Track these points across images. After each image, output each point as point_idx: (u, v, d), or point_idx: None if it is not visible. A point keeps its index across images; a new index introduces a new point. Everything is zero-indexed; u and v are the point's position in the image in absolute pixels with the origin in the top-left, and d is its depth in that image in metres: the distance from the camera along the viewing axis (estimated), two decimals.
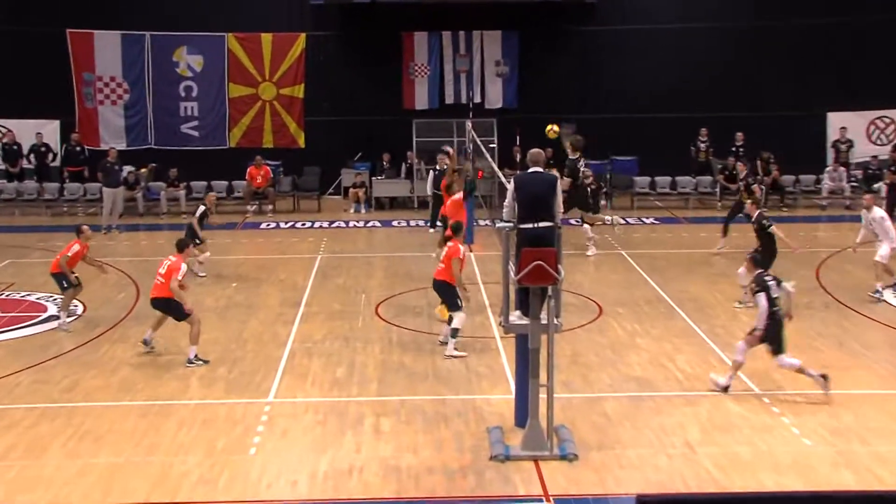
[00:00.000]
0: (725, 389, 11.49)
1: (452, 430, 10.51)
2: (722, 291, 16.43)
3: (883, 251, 15.41)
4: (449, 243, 13.45)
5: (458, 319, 13.06)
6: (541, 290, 9.69)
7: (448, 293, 13.12)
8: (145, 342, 13.22)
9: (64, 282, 14.53)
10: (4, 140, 26.10)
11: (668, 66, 26.97)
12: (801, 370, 11.33)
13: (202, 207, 18.18)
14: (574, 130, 23.09)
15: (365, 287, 17.04)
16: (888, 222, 15.69)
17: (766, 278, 11.61)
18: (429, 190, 23.44)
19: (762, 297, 11.37)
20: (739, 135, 26.02)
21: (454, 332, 13.01)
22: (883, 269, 15.49)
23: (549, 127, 19.11)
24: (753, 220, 15.57)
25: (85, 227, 15.14)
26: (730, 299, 15.82)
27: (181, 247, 13.40)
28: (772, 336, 11.34)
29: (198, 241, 17.17)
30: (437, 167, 22.72)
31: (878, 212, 15.89)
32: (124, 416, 10.94)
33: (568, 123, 23.76)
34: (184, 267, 13.05)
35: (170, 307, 12.91)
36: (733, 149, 25.89)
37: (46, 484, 9.24)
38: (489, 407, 11.18)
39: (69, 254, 14.54)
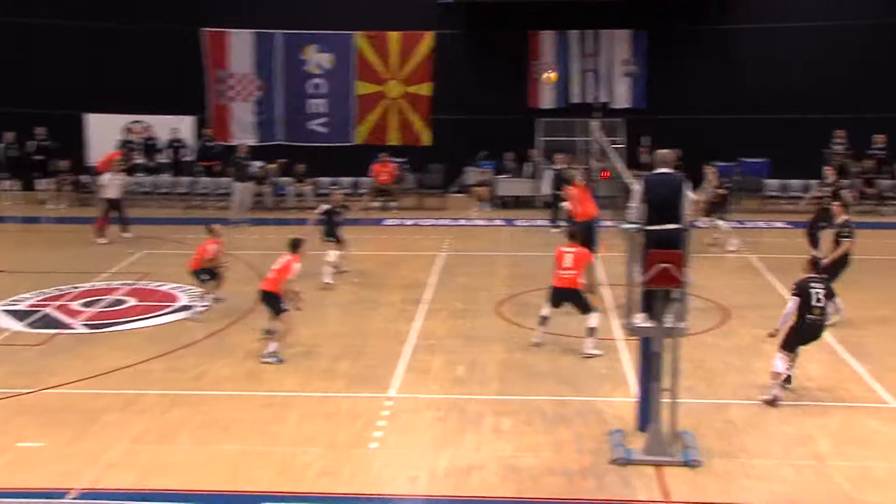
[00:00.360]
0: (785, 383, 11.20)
1: (573, 431, 10.45)
2: (854, 299, 15.81)
3: None
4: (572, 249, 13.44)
5: (594, 319, 13.11)
6: (666, 293, 9.54)
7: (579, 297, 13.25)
8: (268, 332, 13.55)
9: (202, 275, 15.18)
10: (144, 135, 27.21)
11: (802, 65, 26.13)
12: (777, 376, 11.12)
13: (324, 206, 18.36)
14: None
15: (488, 286, 17.08)
16: None
17: (813, 285, 11.19)
18: (548, 189, 23.31)
19: (793, 302, 11.20)
20: (880, 137, 25.03)
21: (592, 332, 13.04)
22: None
23: (545, 75, 18.58)
24: (838, 223, 14.91)
25: (215, 226, 15.64)
26: (861, 307, 15.25)
27: (295, 246, 13.61)
28: (791, 338, 11.16)
29: (330, 239, 17.42)
30: (556, 166, 22.60)
31: None
32: (250, 406, 11.25)
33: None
34: (297, 267, 13.27)
35: (270, 301, 13.18)
36: (872, 151, 24.92)
37: (176, 469, 9.58)
38: (610, 409, 11.08)
39: (208, 256, 15.12)
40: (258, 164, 25.39)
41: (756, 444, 10.05)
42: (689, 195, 9.82)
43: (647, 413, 9.90)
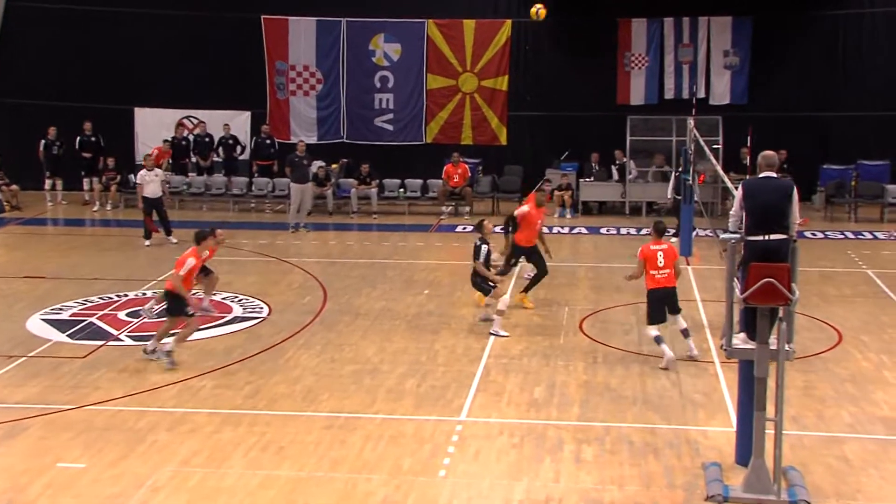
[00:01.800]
0: None
1: (663, 463, 10.34)
2: None
3: None
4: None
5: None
6: (770, 311, 9.39)
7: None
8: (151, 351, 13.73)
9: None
10: (196, 132, 27.65)
11: None
12: None
13: (485, 247, 15.26)
14: None
15: (569, 300, 17.00)
16: None
17: None
18: (670, 194, 22.86)
19: None
20: None
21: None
22: None
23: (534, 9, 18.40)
24: None
25: (219, 231, 15.67)
26: None
27: (197, 239, 14.08)
28: None
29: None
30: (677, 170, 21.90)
31: None
32: (308, 428, 11.35)
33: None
34: (192, 262, 13.61)
35: (168, 300, 13.64)
36: None
37: (228, 494, 9.69)
38: (705, 440, 10.93)
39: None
40: (319, 163, 25.62)
41: (877, 485, 9.82)
42: (797, 202, 9.63)
43: (747, 445, 9.74)
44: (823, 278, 18.31)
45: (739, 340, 9.75)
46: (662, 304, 13.49)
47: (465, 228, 24.00)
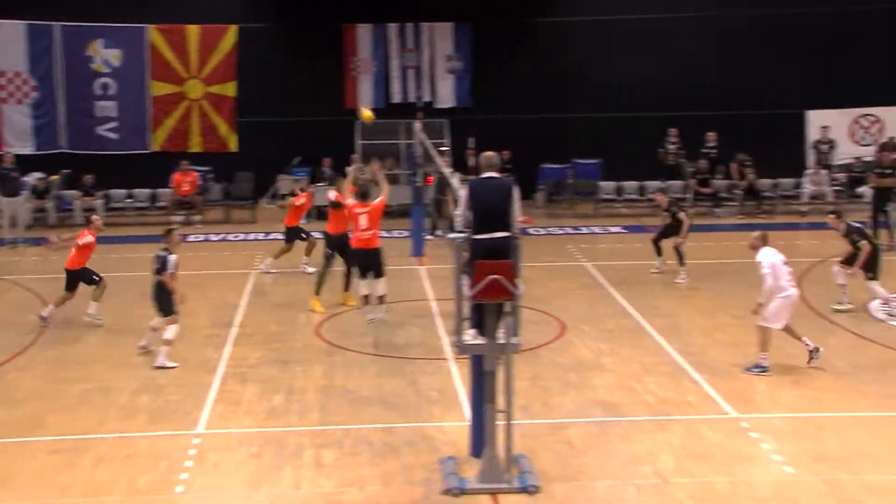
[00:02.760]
0: None
1: (401, 461, 10.48)
2: (695, 306, 16.62)
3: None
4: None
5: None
6: (497, 307, 9.71)
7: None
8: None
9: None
10: None
11: (633, 61, 27.28)
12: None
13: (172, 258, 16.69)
14: None
15: (305, 305, 16.93)
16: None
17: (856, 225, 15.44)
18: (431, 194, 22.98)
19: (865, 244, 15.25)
20: (711, 135, 26.41)
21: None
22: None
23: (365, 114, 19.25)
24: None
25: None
26: (703, 314, 16.01)
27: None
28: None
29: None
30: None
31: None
32: (33, 454, 10.75)
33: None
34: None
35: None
36: (705, 150, 26.24)
37: None
38: (442, 435, 11.17)
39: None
40: (37, 175, 24.37)
41: (596, 464, 10.35)
42: (518, 200, 10.00)
43: (480, 437, 10.03)
44: (547, 273, 19.11)
45: (469, 336, 10.00)
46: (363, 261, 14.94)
47: (197, 238, 23.50)
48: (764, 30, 27.22)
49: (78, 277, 15.77)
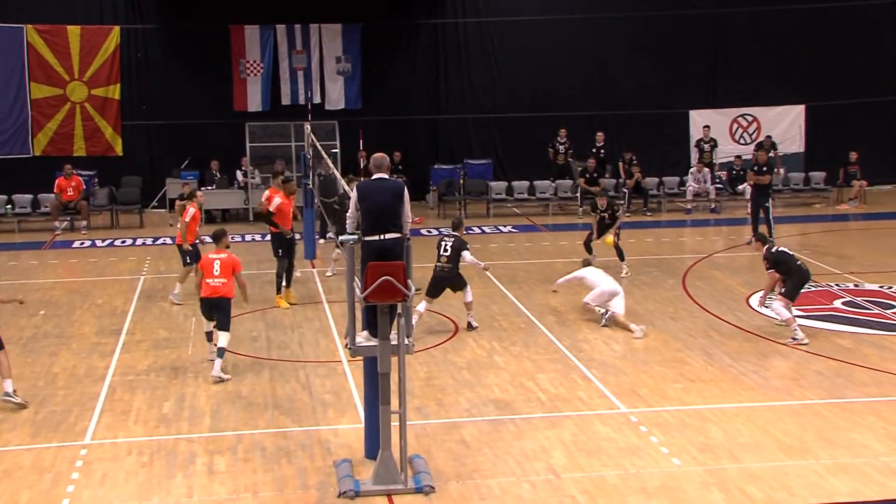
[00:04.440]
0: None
1: (296, 466, 10.41)
2: (574, 302, 16.86)
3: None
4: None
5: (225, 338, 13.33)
6: (389, 308, 9.72)
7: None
8: None
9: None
10: None
11: (523, 62, 27.60)
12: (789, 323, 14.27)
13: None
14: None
15: (196, 310, 16.67)
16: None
17: (774, 249, 14.69)
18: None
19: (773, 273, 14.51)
20: (600, 135, 26.84)
21: (222, 352, 13.21)
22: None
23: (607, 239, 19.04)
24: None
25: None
26: (592, 310, 16.26)
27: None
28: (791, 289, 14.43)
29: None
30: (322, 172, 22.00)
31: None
32: None
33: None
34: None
35: None
36: (594, 150, 26.66)
37: None
38: (336, 438, 11.14)
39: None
40: None
41: (490, 462, 10.43)
42: (408, 201, 10.04)
43: (375, 439, 10.03)
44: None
45: (363, 338, 10.01)
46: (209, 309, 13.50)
47: (83, 244, 22.97)
48: (650, 30, 27.80)
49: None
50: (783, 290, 14.56)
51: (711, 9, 27.73)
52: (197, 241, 17.13)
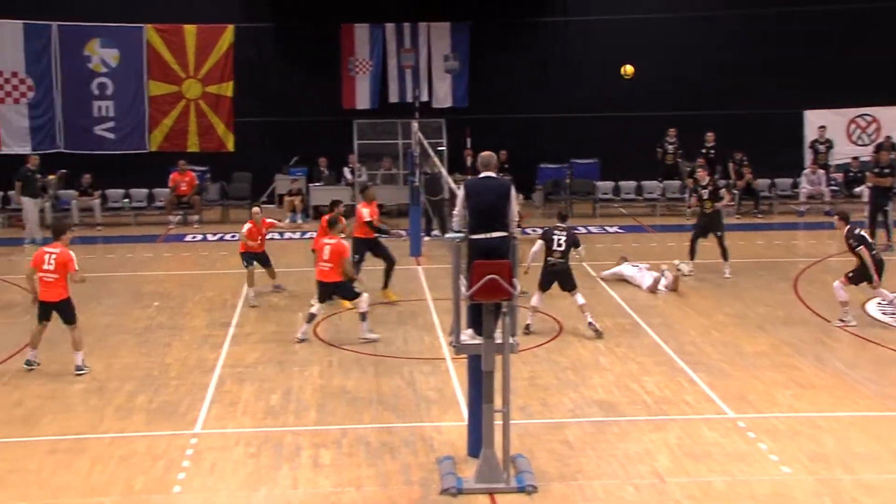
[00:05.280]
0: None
1: (399, 461, 10.47)
2: (693, 306, 16.60)
3: None
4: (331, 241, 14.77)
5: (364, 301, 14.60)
6: (495, 307, 9.70)
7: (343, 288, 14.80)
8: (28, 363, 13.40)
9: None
10: None
11: (630, 61, 27.20)
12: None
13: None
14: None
15: (302, 305, 16.89)
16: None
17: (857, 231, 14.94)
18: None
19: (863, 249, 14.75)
20: (710, 135, 26.37)
21: (364, 316, 14.55)
22: None
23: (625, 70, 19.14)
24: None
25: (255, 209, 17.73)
26: (700, 313, 16.00)
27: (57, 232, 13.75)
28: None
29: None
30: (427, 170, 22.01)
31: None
32: (29, 454, 10.72)
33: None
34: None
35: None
36: (703, 150, 26.23)
37: None
38: (439, 435, 11.16)
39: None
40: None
41: (594, 464, 10.34)
42: (515, 200, 10.02)
43: (478, 437, 10.03)
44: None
45: (467, 336, 10.00)
46: (325, 293, 14.87)
47: (194, 238, 23.49)
48: (762, 29, 27.23)
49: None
50: (851, 273, 15.11)
51: (828, 5, 26.96)
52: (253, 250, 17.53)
